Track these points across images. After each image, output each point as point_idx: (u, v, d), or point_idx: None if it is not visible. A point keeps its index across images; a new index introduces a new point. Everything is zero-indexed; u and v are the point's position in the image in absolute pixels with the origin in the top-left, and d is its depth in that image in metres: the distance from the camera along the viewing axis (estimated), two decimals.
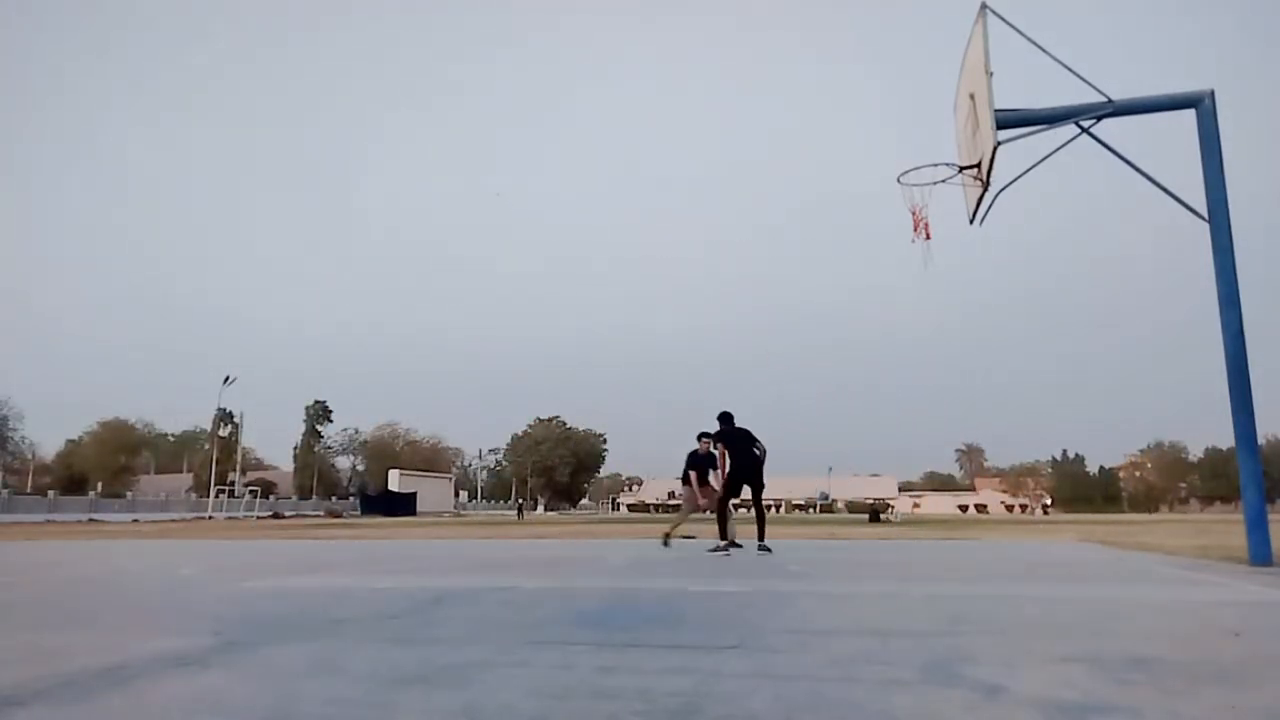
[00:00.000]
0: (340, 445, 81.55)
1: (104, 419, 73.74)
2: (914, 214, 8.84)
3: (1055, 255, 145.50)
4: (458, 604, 4.40)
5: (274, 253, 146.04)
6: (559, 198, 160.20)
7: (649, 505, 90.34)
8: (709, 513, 9.43)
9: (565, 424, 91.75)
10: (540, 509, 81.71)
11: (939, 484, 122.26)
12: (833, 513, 66.56)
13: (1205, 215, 7.39)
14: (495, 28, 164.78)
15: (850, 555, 9.23)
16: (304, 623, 3.72)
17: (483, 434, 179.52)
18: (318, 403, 76.39)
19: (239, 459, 59.87)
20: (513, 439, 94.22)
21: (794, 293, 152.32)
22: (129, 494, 57.89)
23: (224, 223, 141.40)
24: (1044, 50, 7.73)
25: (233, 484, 52.68)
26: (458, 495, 78.58)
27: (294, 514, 50.17)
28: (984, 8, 7.62)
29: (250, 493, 50.97)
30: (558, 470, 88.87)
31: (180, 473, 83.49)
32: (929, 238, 8.80)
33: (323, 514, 52.46)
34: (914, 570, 6.87)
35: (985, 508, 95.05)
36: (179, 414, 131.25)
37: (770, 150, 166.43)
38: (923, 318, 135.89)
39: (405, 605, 4.36)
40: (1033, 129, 7.82)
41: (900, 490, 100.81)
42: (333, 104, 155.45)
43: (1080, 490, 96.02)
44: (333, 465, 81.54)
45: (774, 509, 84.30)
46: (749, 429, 9.03)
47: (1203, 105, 7.47)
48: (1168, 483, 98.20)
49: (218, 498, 48.14)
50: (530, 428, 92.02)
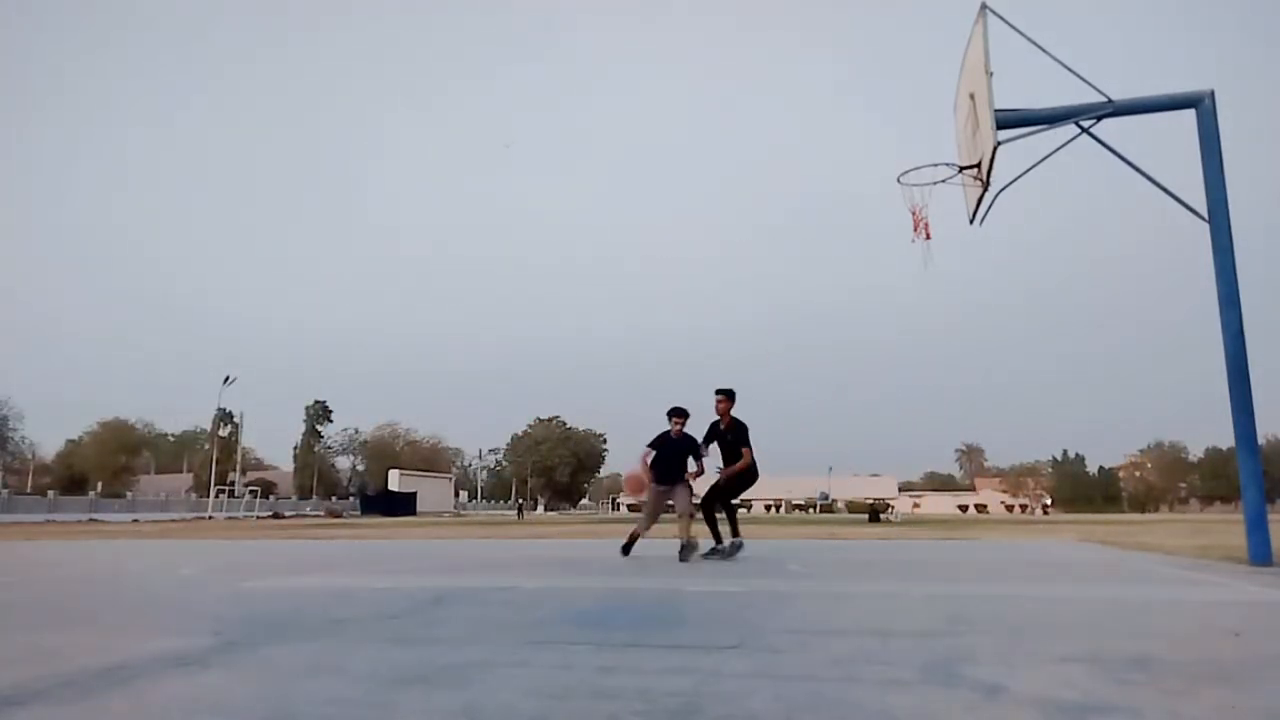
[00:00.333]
0: (340, 445, 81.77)
1: (104, 419, 74.00)
2: (914, 214, 8.83)
3: (1055, 255, 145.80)
4: (458, 604, 4.40)
5: (274, 253, 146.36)
6: (559, 198, 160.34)
7: None
8: (694, 516, 7.79)
9: (565, 424, 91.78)
10: (540, 509, 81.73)
11: (939, 484, 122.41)
12: (833, 513, 66.54)
13: (1205, 215, 7.39)
14: (495, 28, 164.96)
15: (850, 555, 9.22)
16: (304, 623, 3.72)
17: (483, 434, 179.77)
18: (318, 403, 76.52)
19: (239, 459, 59.93)
20: (513, 439, 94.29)
21: (794, 293, 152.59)
22: (129, 494, 57.94)
23: (224, 222, 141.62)
24: (1044, 50, 7.73)
25: (233, 484, 52.74)
26: (458, 495, 78.63)
27: (294, 514, 50.19)
28: (984, 8, 7.61)
29: (250, 493, 51.02)
30: (558, 470, 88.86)
31: (180, 473, 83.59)
32: (929, 238, 8.79)
33: (323, 514, 52.48)
34: (914, 570, 6.86)
35: (985, 508, 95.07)
36: (179, 414, 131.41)
37: (770, 150, 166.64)
38: (922, 318, 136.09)
39: (405, 605, 4.36)
40: (1032, 129, 7.81)
41: (900, 490, 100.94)
42: (333, 104, 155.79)
43: (1080, 490, 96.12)
44: (333, 465, 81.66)
45: (774, 509, 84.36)
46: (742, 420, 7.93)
47: (1203, 105, 7.47)
48: (1168, 483, 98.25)
49: (218, 498, 48.18)
50: (530, 428, 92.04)
